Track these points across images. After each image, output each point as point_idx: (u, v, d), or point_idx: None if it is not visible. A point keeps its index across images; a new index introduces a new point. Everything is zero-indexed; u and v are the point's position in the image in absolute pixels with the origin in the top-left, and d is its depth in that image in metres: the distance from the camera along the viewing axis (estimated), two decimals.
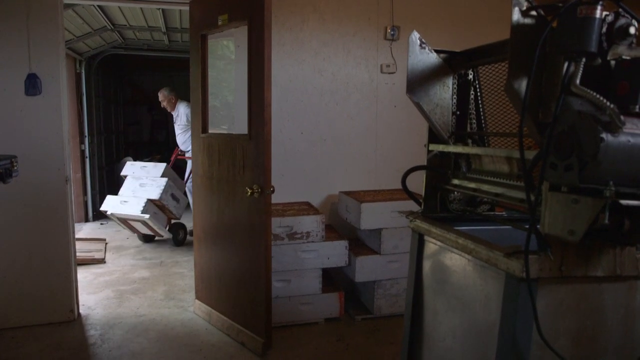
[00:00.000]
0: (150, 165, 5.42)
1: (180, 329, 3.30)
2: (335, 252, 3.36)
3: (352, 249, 3.45)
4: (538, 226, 1.31)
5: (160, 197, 5.00)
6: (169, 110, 5.93)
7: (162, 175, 5.21)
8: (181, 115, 5.82)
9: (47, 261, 3.32)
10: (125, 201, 5.01)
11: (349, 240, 3.45)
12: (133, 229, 5.33)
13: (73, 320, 3.38)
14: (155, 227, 5.03)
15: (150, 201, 5.00)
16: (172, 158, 5.88)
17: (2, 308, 3.24)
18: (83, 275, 4.22)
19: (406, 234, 3.33)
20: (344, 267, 3.46)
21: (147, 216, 4.85)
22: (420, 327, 1.94)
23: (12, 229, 3.23)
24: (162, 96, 5.83)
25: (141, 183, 5.16)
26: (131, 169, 5.42)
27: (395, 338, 3.14)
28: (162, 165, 5.35)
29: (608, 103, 1.15)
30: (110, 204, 5.09)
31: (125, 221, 5.13)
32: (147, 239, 5.52)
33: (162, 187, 5.05)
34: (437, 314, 1.84)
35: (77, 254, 3.61)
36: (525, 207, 1.45)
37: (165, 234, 5.19)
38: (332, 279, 3.63)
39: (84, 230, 6.14)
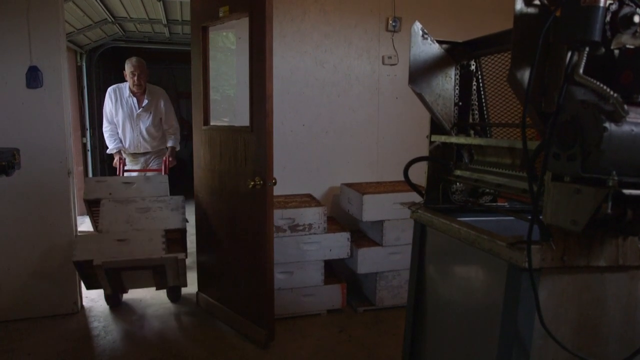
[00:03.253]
0: (139, 179, 3.68)
1: (183, 321, 3.32)
2: (337, 244, 3.37)
3: (354, 241, 3.45)
4: (540, 216, 1.31)
5: (185, 226, 3.30)
6: (136, 89, 4.25)
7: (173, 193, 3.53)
8: (160, 106, 4.38)
9: (50, 254, 3.33)
10: (121, 240, 3.03)
11: (350, 232, 3.45)
12: (120, 287, 3.18)
13: (77, 312, 3.39)
14: (176, 274, 3.08)
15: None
16: (121, 169, 4.39)
17: (7, 300, 3.26)
18: None
19: (408, 226, 3.34)
20: (346, 258, 3.47)
21: (181, 255, 2.97)
22: (422, 318, 1.94)
23: (15, 222, 3.24)
24: (140, 67, 4.21)
25: (139, 208, 3.28)
26: (103, 188, 3.45)
27: (398, 329, 3.15)
28: (161, 178, 3.64)
29: (612, 92, 1.15)
30: (91, 249, 2.95)
31: (117, 274, 3.00)
32: (114, 301, 3.54)
33: (182, 210, 3.36)
34: (440, 304, 1.85)
35: None
36: (528, 198, 1.45)
37: (184, 282, 3.18)
38: (334, 270, 3.64)
39: (86, 223, 6.14)
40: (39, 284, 3.31)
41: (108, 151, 4.48)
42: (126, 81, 4.31)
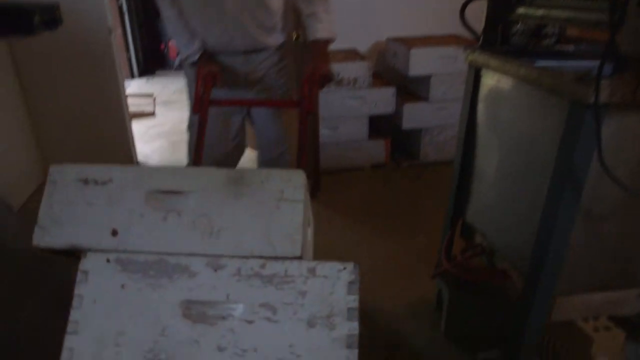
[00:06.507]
0: (220, 176, 1.05)
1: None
2: (383, 99, 3.32)
3: (399, 96, 3.38)
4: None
5: None
6: None
7: None
8: None
9: (102, 114, 3.44)
10: None
11: (396, 87, 3.36)
12: None
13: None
14: None
15: None
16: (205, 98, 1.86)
17: (69, 157, 3.45)
18: (136, 127, 4.38)
19: (456, 80, 3.22)
20: (391, 114, 3.43)
21: None
22: (469, 168, 1.95)
23: (63, 84, 3.30)
24: None
25: (221, 317, 0.97)
26: (101, 216, 1.03)
27: (441, 183, 3.19)
28: (295, 177, 1.04)
29: None
30: None
31: None
32: None
33: (353, 323, 0.96)
34: (489, 152, 1.83)
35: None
36: (600, 34, 1.33)
37: None
38: (379, 126, 3.63)
39: (131, 86, 6.25)
40: (96, 142, 3.47)
41: (183, 58, 2.09)
42: None
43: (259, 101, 2.12)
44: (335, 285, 0.97)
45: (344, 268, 0.98)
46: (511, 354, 1.60)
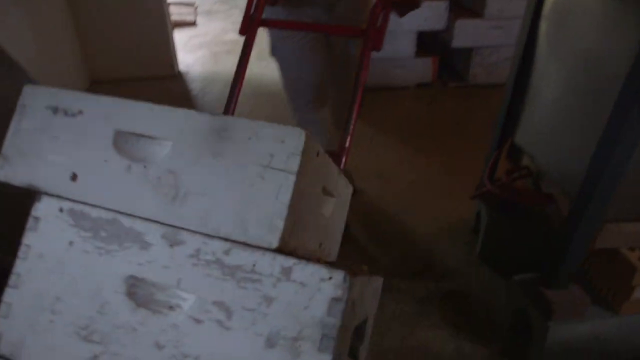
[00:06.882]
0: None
1: (273, 87, 3.41)
2: (434, 14, 3.12)
3: (451, 11, 3.16)
4: None
5: None
6: None
7: None
8: None
9: (144, 21, 3.38)
10: None
11: (449, 1, 3.14)
12: None
13: (174, 76, 3.60)
14: None
15: None
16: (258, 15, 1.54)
17: (115, 64, 3.46)
18: (177, 36, 4.32)
19: None
20: (440, 31, 3.23)
21: None
22: (523, 87, 1.83)
23: None
24: None
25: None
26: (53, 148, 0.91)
27: (489, 106, 3.06)
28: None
29: None
30: None
31: None
32: None
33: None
34: (548, 70, 1.70)
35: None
36: None
37: None
38: (427, 43, 3.44)
39: None
40: (138, 49, 3.44)
41: None
42: None
43: (318, 26, 1.78)
44: (312, 299, 0.73)
45: (330, 278, 0.72)
46: (549, 279, 1.58)
